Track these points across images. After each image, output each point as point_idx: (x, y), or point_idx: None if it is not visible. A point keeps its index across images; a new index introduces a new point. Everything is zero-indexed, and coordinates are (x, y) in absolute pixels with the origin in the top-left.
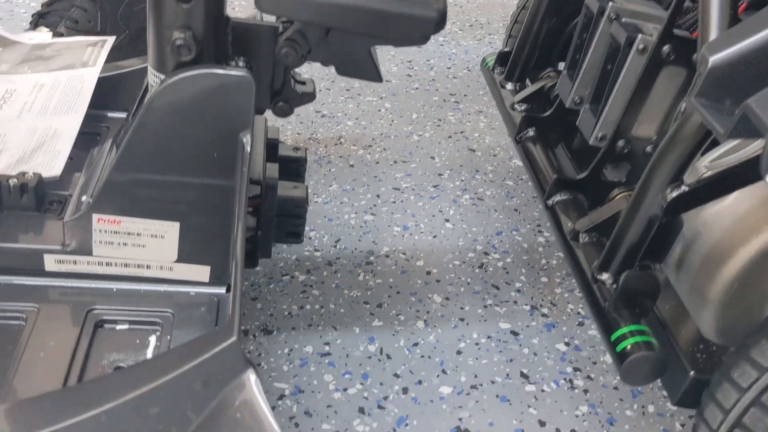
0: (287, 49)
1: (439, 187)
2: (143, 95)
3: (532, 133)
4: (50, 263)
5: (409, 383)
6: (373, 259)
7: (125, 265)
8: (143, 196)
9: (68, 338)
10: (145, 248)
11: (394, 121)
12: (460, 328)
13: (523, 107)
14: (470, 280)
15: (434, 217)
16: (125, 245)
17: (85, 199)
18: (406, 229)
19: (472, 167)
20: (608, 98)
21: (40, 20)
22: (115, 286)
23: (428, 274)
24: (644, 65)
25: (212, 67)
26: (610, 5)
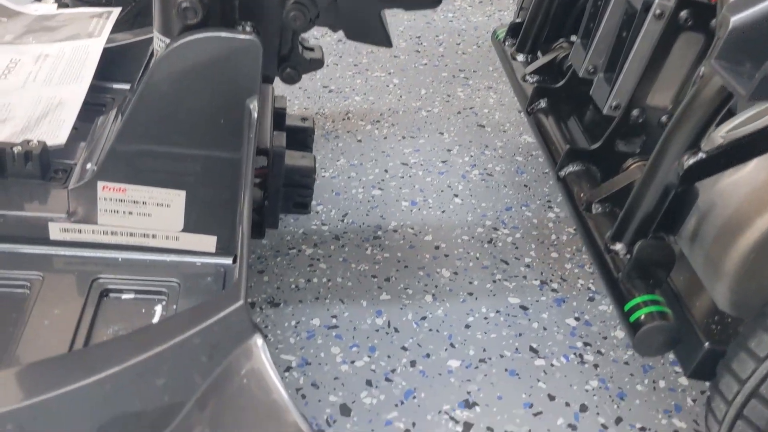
0: (295, 12)
1: (447, 162)
2: (148, 64)
3: (544, 104)
4: (55, 232)
5: (417, 356)
6: (380, 233)
7: (131, 234)
8: (149, 162)
9: (73, 307)
10: (150, 217)
11: (402, 96)
12: (468, 302)
13: (534, 78)
14: (479, 255)
15: (443, 192)
16: (130, 214)
17: (89, 167)
18: (414, 204)
19: (481, 143)
20: (623, 66)
21: None
22: (120, 255)
23: (437, 248)
24: (661, 31)
25: (219, 30)
26: None
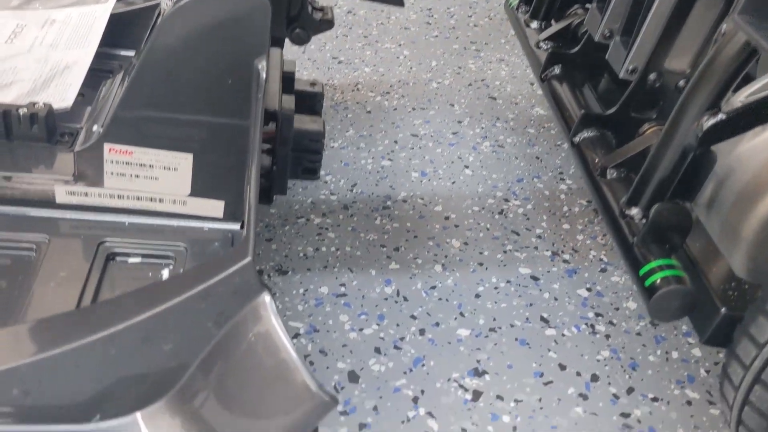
0: None
1: (458, 134)
2: (154, 28)
3: (558, 70)
4: (61, 195)
5: (426, 325)
6: (390, 203)
7: (137, 198)
8: (155, 124)
9: (79, 270)
10: (157, 181)
11: (412, 68)
12: (478, 272)
13: (548, 45)
14: (489, 225)
15: (453, 163)
16: (137, 177)
17: (96, 129)
18: (424, 174)
19: (492, 115)
20: (640, 28)
21: None
22: (127, 219)
23: (446, 219)
24: None
25: None
26: None
